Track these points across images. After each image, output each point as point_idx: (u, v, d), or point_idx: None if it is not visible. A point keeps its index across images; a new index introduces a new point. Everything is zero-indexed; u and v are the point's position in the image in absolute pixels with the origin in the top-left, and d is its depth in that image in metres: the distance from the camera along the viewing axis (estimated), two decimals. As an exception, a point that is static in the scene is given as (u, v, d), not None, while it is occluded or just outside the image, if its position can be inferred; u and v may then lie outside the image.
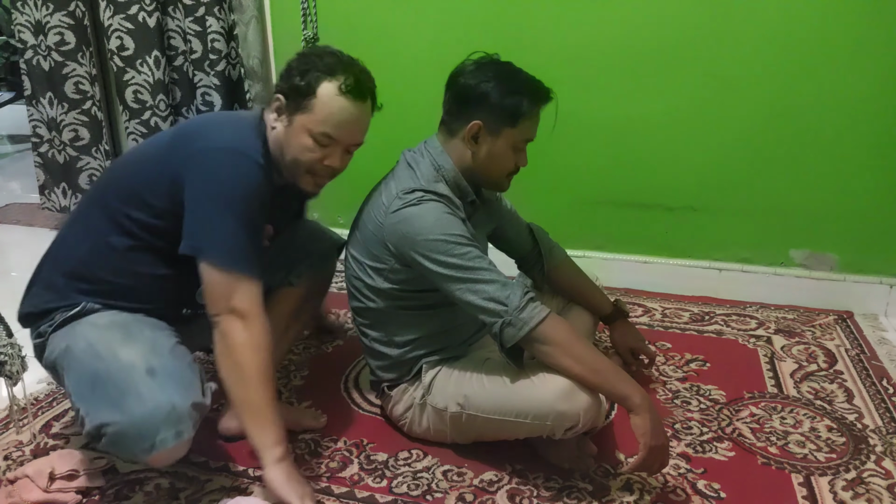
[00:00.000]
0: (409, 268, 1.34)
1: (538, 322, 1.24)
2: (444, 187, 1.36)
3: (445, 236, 1.28)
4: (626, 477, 1.37)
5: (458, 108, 1.37)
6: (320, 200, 2.65)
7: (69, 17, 2.60)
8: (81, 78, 2.68)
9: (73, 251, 1.34)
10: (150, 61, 2.55)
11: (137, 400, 1.13)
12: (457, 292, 1.28)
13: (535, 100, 1.34)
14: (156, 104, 2.61)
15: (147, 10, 2.49)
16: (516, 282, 1.32)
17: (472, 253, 1.28)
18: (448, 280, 1.28)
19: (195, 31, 2.48)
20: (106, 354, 1.21)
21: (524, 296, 1.25)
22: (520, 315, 1.24)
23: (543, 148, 2.30)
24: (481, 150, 1.37)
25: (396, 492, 1.33)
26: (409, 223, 1.30)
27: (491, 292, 1.26)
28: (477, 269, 1.27)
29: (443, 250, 1.27)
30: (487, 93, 1.32)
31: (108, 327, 1.27)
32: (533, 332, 1.24)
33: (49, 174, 2.87)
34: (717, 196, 2.23)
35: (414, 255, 1.30)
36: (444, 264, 1.27)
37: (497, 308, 1.25)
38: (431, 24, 2.30)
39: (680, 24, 2.10)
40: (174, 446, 1.14)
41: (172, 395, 1.15)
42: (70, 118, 2.73)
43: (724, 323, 2.11)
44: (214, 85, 2.48)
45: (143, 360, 1.20)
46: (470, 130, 1.35)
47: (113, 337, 1.25)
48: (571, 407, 1.25)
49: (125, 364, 1.19)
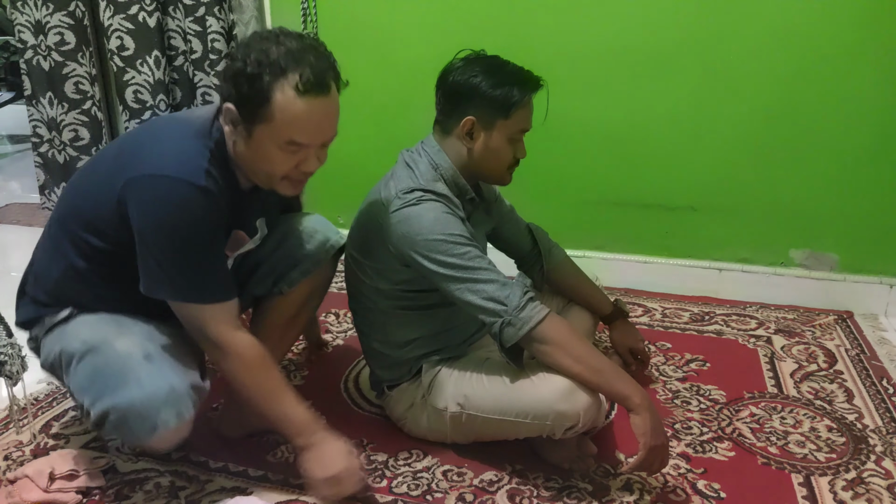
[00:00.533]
0: (409, 268, 1.34)
1: (538, 322, 1.24)
2: (442, 186, 1.36)
3: (444, 236, 1.27)
4: (626, 477, 1.37)
5: (451, 106, 1.37)
6: (320, 200, 2.66)
7: (69, 17, 2.60)
8: (81, 78, 2.68)
9: (47, 271, 1.31)
10: (150, 61, 2.56)
11: (137, 384, 1.15)
12: (456, 292, 1.28)
13: (524, 88, 1.34)
14: (156, 104, 2.61)
15: (147, 10, 2.50)
16: (516, 281, 1.32)
17: (471, 252, 1.28)
18: (447, 280, 1.28)
19: (195, 31, 2.48)
20: (102, 347, 1.21)
21: (524, 295, 1.25)
22: (519, 315, 1.24)
23: (544, 148, 2.31)
24: (477, 145, 1.36)
25: (396, 492, 1.33)
26: (409, 223, 1.30)
27: (490, 292, 1.26)
28: (476, 268, 1.27)
29: (442, 250, 1.27)
30: (477, 86, 1.32)
31: (101, 322, 1.27)
32: (532, 332, 1.24)
33: (49, 174, 2.87)
34: (717, 196, 2.23)
35: (413, 255, 1.30)
36: (444, 264, 1.27)
37: (496, 308, 1.25)
38: (431, 24, 2.30)
39: (680, 24, 2.10)
40: (176, 427, 1.15)
41: (171, 377, 1.17)
42: (70, 118, 2.73)
43: (724, 323, 2.11)
44: (214, 85, 2.48)
45: (139, 348, 1.21)
46: (464, 126, 1.35)
47: (107, 330, 1.25)
48: (571, 407, 1.25)
49: (122, 353, 1.20)
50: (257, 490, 1.33)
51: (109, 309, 1.30)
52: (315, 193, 2.66)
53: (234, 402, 1.44)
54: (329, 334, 2.01)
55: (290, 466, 1.40)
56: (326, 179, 2.61)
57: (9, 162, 4.64)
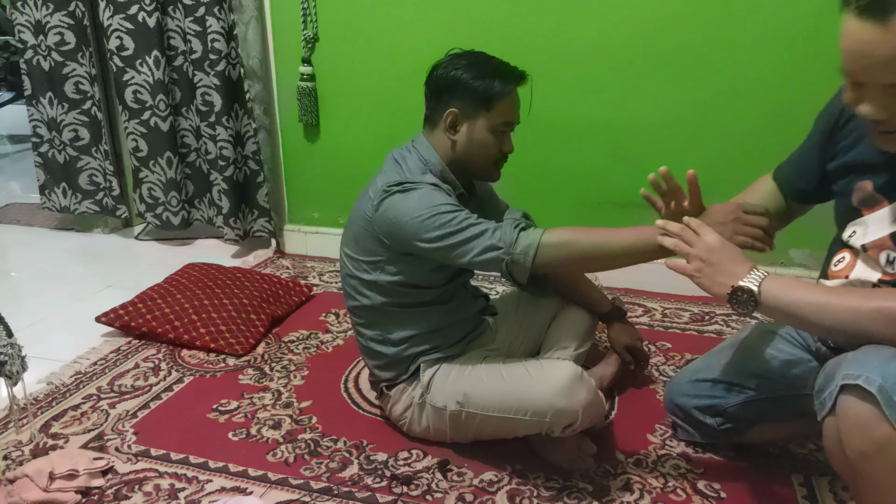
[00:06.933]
0: (406, 257, 1.35)
1: (536, 246, 1.23)
2: (431, 178, 1.36)
3: (429, 209, 1.27)
4: (626, 477, 1.37)
5: (436, 100, 1.39)
6: (320, 200, 2.66)
7: (69, 17, 2.60)
8: (81, 78, 2.68)
9: None
10: (150, 61, 2.55)
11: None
12: (458, 259, 1.28)
13: (506, 80, 1.34)
14: (155, 104, 2.61)
15: (147, 10, 2.50)
16: (506, 220, 1.30)
17: (458, 217, 1.27)
18: (445, 251, 1.28)
19: (195, 31, 2.48)
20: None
21: (514, 229, 1.25)
22: (517, 250, 1.23)
23: (544, 148, 2.31)
24: (461, 137, 1.37)
25: (396, 492, 1.33)
26: (395, 209, 1.31)
27: (484, 243, 1.25)
28: (465, 228, 1.26)
29: (430, 226, 1.27)
30: (459, 79, 1.34)
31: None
32: (538, 258, 1.23)
33: (49, 174, 2.87)
34: (717, 196, 2.22)
35: (408, 238, 1.30)
36: (436, 239, 1.27)
37: (495, 255, 1.24)
38: (431, 24, 2.30)
39: (680, 24, 2.10)
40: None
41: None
42: (70, 118, 2.73)
43: (724, 323, 2.11)
44: (214, 85, 2.48)
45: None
46: (447, 118, 1.36)
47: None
48: (570, 404, 1.25)
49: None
50: (257, 490, 1.33)
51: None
52: (315, 193, 2.67)
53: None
54: (329, 334, 2.02)
55: (290, 466, 1.41)
56: (326, 179, 2.62)
57: (9, 162, 4.64)
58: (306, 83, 2.47)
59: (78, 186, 2.84)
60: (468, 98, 1.34)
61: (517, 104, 1.39)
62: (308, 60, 2.46)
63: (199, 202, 2.80)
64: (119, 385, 1.72)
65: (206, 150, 2.64)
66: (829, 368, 0.97)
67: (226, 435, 1.52)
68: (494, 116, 1.35)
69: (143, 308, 1.98)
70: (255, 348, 1.92)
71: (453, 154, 1.39)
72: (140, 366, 1.82)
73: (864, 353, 0.93)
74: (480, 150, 1.38)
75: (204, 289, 2.06)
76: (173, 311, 1.96)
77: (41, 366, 1.76)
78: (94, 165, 2.81)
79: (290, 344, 1.96)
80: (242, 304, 2.02)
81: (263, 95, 2.54)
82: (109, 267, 2.58)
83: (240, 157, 2.61)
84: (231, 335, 1.90)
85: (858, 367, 0.91)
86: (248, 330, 1.95)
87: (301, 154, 2.61)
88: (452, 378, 1.39)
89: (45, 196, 2.91)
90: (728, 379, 1.37)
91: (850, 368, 0.91)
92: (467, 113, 1.36)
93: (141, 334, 1.96)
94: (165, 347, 1.92)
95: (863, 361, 0.91)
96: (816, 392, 0.98)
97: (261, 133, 2.57)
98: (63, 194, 2.88)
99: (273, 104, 2.59)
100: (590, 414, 1.27)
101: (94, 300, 2.23)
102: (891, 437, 0.87)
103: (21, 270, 2.55)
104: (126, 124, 2.67)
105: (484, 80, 1.33)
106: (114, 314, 1.97)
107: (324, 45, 2.45)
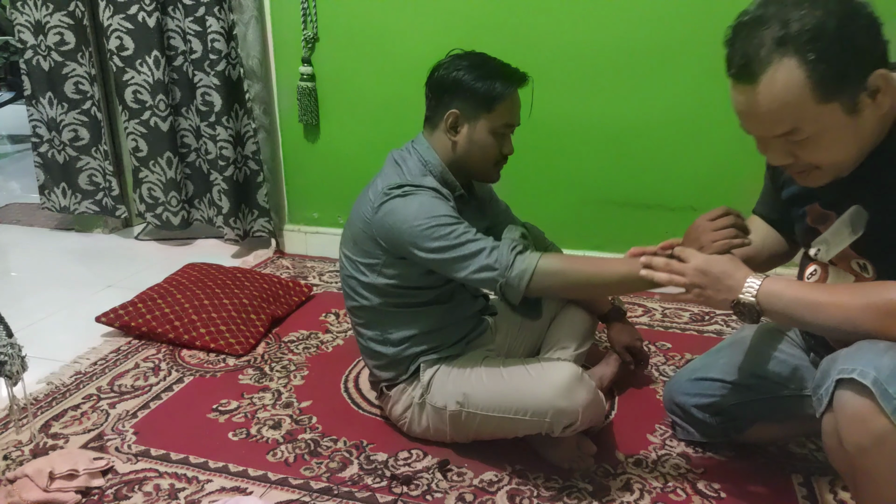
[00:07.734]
0: (403, 260, 1.35)
1: (531, 272, 1.23)
2: (431, 180, 1.36)
3: (428, 220, 1.28)
4: (626, 477, 1.37)
5: (436, 101, 1.39)
6: (320, 200, 2.66)
7: (69, 17, 2.60)
8: (81, 78, 2.68)
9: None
10: (150, 61, 2.55)
11: None
12: (452, 272, 1.29)
13: (507, 82, 1.35)
14: (155, 104, 2.61)
15: (147, 10, 2.50)
16: (504, 239, 1.31)
17: (457, 230, 1.28)
18: (441, 264, 1.29)
19: (195, 31, 2.48)
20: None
21: (510, 252, 1.25)
22: (512, 273, 1.24)
23: (544, 148, 2.31)
24: (462, 138, 1.38)
25: (396, 491, 1.33)
26: (395, 214, 1.31)
27: (480, 262, 1.26)
28: (463, 244, 1.27)
29: (428, 236, 1.27)
30: (460, 80, 1.34)
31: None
32: (532, 283, 1.24)
33: (49, 174, 2.87)
34: (717, 196, 2.22)
35: (405, 245, 1.31)
36: (433, 250, 1.28)
37: (490, 275, 1.26)
38: (431, 24, 2.30)
39: (680, 24, 2.10)
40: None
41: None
42: (70, 118, 2.73)
43: (724, 323, 2.11)
44: (214, 85, 2.48)
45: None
46: (448, 119, 1.36)
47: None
48: (570, 404, 1.25)
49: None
50: (257, 490, 1.33)
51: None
52: (315, 193, 2.67)
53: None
54: (329, 334, 2.02)
55: (290, 466, 1.41)
56: (326, 179, 2.62)
57: (9, 162, 4.64)
58: (306, 83, 2.47)
59: (78, 186, 2.84)
60: (469, 99, 1.34)
61: (518, 106, 1.39)
62: (308, 60, 2.46)
63: (199, 202, 2.80)
64: (119, 385, 1.72)
65: (206, 150, 2.64)
66: (824, 365, 0.98)
67: (226, 435, 1.52)
68: (495, 118, 1.36)
69: (143, 308, 1.98)
70: (255, 348, 1.92)
71: (453, 155, 1.39)
72: (140, 366, 1.82)
73: (857, 348, 0.95)
74: (481, 151, 1.38)
75: (204, 289, 2.07)
76: (173, 311, 1.96)
77: (41, 366, 1.76)
78: (93, 165, 2.81)
79: (290, 344, 1.96)
80: (242, 304, 2.02)
81: (263, 95, 2.54)
82: (109, 267, 2.58)
83: (240, 157, 2.61)
84: (231, 335, 1.90)
85: (853, 362, 0.92)
86: (248, 330, 1.95)
87: (301, 154, 2.61)
88: (452, 378, 1.39)
89: (44, 196, 2.91)
90: (727, 378, 1.37)
91: (845, 363, 0.93)
92: (468, 114, 1.36)
93: (141, 334, 1.96)
94: (165, 347, 1.92)
95: (857, 356, 0.93)
96: (814, 389, 0.99)
97: (261, 133, 2.57)
98: (63, 194, 2.88)
99: (273, 104, 2.59)
100: (590, 414, 1.28)
101: (94, 300, 2.22)
102: (887, 429, 0.88)
103: (21, 270, 2.55)
104: (126, 124, 2.67)
105: (485, 81, 1.33)
106: (114, 314, 1.97)
107: (324, 45, 2.45)
